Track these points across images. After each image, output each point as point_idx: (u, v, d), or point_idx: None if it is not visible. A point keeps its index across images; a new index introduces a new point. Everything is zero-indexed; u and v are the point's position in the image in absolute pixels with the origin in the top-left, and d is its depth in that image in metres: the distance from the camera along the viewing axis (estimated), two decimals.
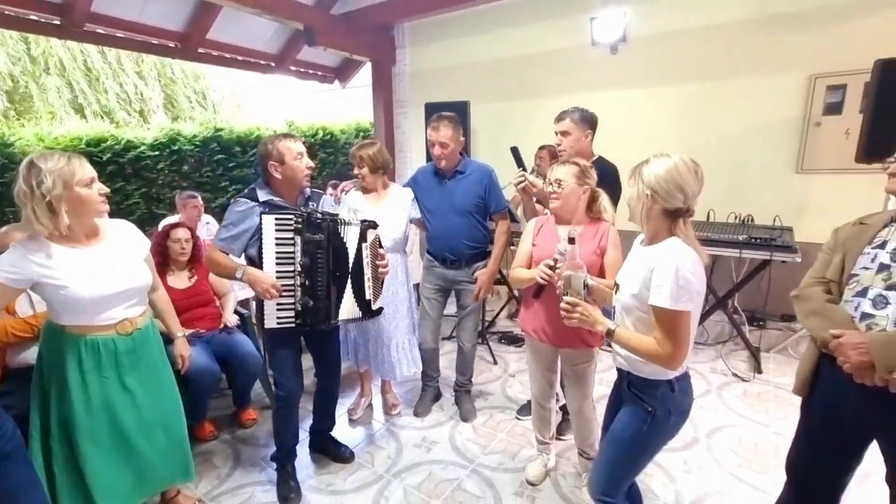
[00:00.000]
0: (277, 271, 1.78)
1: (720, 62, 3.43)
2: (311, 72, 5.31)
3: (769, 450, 2.31)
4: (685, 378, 1.36)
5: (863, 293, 1.27)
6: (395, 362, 2.49)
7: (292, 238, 1.78)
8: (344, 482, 2.18)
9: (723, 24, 3.37)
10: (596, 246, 1.72)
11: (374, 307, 2.03)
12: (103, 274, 1.47)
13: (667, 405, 1.32)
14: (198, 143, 4.83)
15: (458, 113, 3.85)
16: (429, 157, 4.07)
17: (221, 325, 2.62)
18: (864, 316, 1.25)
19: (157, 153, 4.56)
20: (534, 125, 4.22)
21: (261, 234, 1.75)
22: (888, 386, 1.16)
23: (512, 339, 3.66)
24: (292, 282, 1.80)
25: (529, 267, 1.85)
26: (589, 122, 2.23)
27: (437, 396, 2.80)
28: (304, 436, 2.39)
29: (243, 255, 1.93)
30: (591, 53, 3.80)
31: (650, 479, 2.13)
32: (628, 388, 1.39)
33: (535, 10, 4.05)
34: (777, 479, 2.08)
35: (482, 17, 4.28)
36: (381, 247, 2.06)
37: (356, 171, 2.36)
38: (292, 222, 1.78)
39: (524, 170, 2.17)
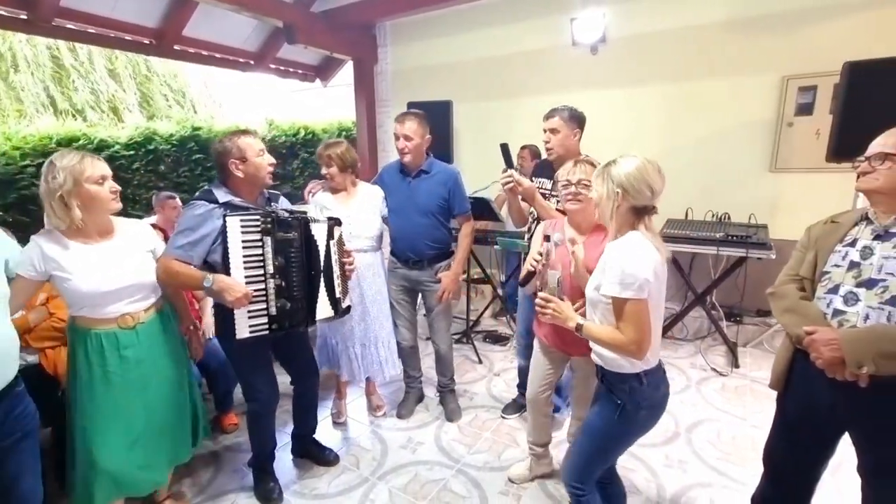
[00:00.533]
0: (247, 276, 1.67)
1: (697, 63, 3.50)
2: (291, 70, 5.24)
3: (746, 443, 2.38)
4: (656, 372, 1.39)
5: (834, 290, 1.31)
6: (382, 361, 2.48)
7: (260, 240, 1.69)
8: (328, 486, 2.16)
9: (700, 26, 3.44)
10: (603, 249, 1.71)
11: (343, 305, 1.99)
12: (107, 269, 1.54)
13: (636, 398, 1.36)
14: (175, 142, 4.71)
15: (441, 112, 3.87)
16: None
17: (201, 331, 2.57)
18: (836, 312, 1.29)
19: (132, 153, 4.42)
20: (516, 125, 4.24)
21: (225, 237, 1.65)
22: (858, 380, 1.19)
23: (496, 339, 3.68)
24: (263, 286, 1.71)
25: None
26: (578, 120, 2.25)
27: (421, 398, 2.79)
28: (286, 440, 2.36)
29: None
30: (571, 53, 3.83)
31: (633, 474, 2.16)
32: (602, 381, 1.45)
33: (516, 10, 4.07)
34: (754, 471, 2.13)
35: (464, 17, 4.28)
36: (344, 244, 2.04)
37: (324, 170, 2.31)
38: (259, 223, 1.69)
39: (513, 168, 2.14)
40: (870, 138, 1.33)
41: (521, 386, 2.67)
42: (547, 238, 1.45)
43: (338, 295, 1.94)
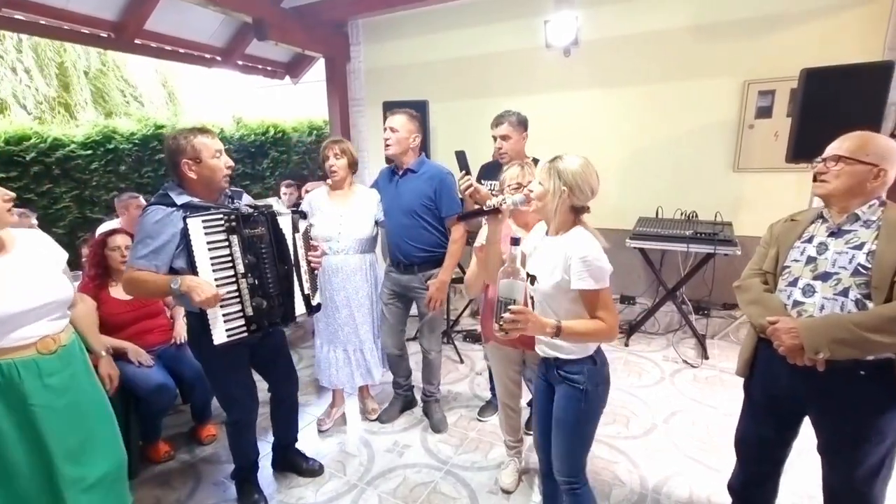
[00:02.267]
0: (217, 278, 1.60)
1: (665, 67, 3.62)
2: (259, 67, 5.08)
3: (719, 431, 2.49)
4: (600, 351, 1.48)
5: (794, 283, 1.41)
6: (370, 367, 2.46)
7: (226, 239, 1.63)
8: (315, 494, 2.12)
9: (667, 31, 3.56)
10: None
11: (313, 302, 1.92)
12: (13, 288, 1.30)
13: (594, 378, 1.44)
14: (136, 141, 4.48)
15: (418, 112, 3.84)
16: (389, 159, 4.05)
17: (173, 339, 2.47)
18: (796, 303, 1.39)
19: (89, 152, 4.18)
20: (489, 125, 4.27)
21: (188, 240, 1.56)
22: (816, 365, 1.30)
23: (477, 338, 3.70)
24: (236, 287, 1.65)
25: None
26: (524, 124, 2.34)
27: (409, 404, 2.74)
28: (267, 450, 2.30)
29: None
30: (545, 55, 3.89)
31: (616, 466, 2.23)
32: (557, 372, 1.48)
33: (490, 11, 4.09)
34: (729, 458, 2.22)
35: (438, 17, 4.26)
36: (311, 238, 1.96)
37: (332, 163, 2.27)
38: (223, 221, 1.62)
39: (467, 173, 2.10)
40: (826, 141, 1.43)
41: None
42: (515, 241, 1.30)
43: (306, 291, 1.89)
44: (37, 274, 1.38)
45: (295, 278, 1.85)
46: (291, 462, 2.25)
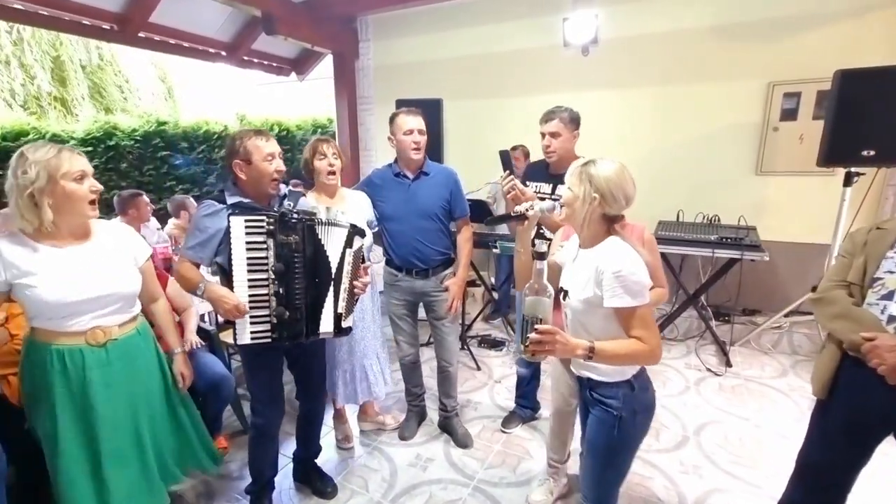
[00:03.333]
0: (250, 280, 1.61)
1: (687, 67, 3.55)
2: (265, 63, 4.94)
3: (754, 444, 2.41)
4: (642, 374, 1.34)
5: (889, 296, 1.30)
6: (372, 383, 2.31)
7: (265, 242, 1.61)
8: None
9: (690, 31, 3.48)
10: None
11: (343, 324, 1.78)
12: (80, 276, 1.35)
13: (631, 405, 1.30)
14: (138, 137, 4.35)
15: (432, 111, 3.72)
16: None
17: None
18: (891, 318, 1.28)
19: (89, 149, 4.05)
20: (505, 124, 4.18)
21: (229, 238, 1.58)
22: None
23: (492, 343, 3.60)
24: (267, 291, 1.63)
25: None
26: (576, 121, 2.18)
27: (424, 416, 2.62)
28: (286, 461, 2.19)
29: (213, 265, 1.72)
30: (563, 54, 3.80)
31: (651, 482, 2.14)
32: (590, 393, 1.36)
33: (506, 9, 4.00)
34: (767, 473, 2.18)
35: (451, 14, 4.17)
36: (364, 260, 1.85)
37: (333, 162, 2.08)
38: (264, 224, 1.60)
39: (511, 172, 1.96)
40: (861, 144, 1.33)
41: (521, 397, 2.58)
42: (540, 255, 1.18)
43: (340, 310, 1.76)
44: (105, 265, 1.41)
45: (330, 294, 1.73)
46: (309, 477, 2.15)
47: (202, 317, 2.66)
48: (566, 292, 1.34)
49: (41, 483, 1.63)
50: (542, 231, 2.23)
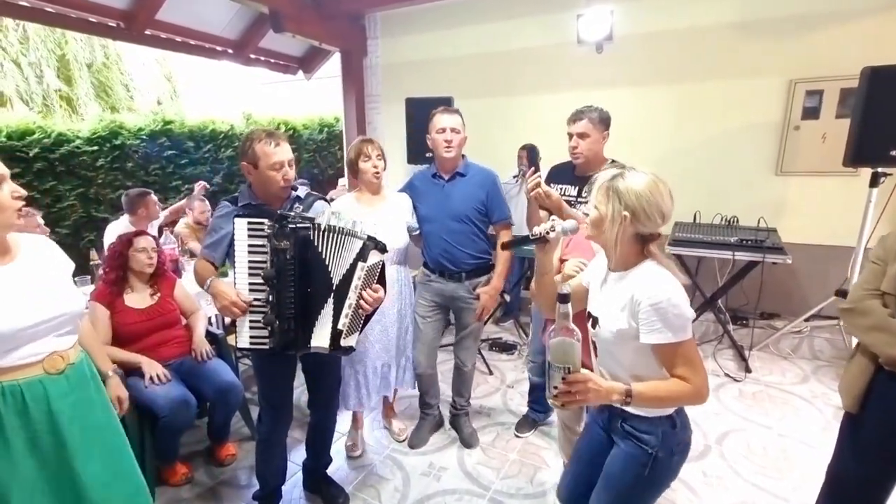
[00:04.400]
0: (251, 283, 1.57)
1: (704, 64, 3.46)
2: (272, 61, 4.88)
3: (778, 453, 2.32)
4: (683, 410, 1.20)
5: None
6: (397, 380, 2.29)
7: (265, 245, 1.56)
8: None
9: (708, 27, 3.39)
10: None
11: (343, 342, 1.63)
12: (20, 300, 1.14)
13: (669, 445, 1.16)
14: (144, 136, 4.30)
15: None
16: (412, 158, 3.86)
17: (192, 353, 2.27)
18: None
19: (95, 148, 4.00)
20: (517, 123, 4.10)
21: (233, 239, 1.58)
22: None
23: (503, 347, 3.53)
24: (265, 296, 1.58)
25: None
26: (607, 122, 2.08)
27: (438, 425, 2.55)
28: (297, 469, 2.13)
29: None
30: (576, 51, 3.72)
31: (674, 495, 2.06)
32: (622, 425, 1.21)
33: (519, 6, 3.92)
34: (793, 485, 2.10)
35: (461, 11, 4.09)
36: (379, 280, 1.68)
37: (376, 163, 2.06)
38: (265, 227, 1.55)
39: (536, 170, 1.89)
40: (889, 145, 1.24)
41: (534, 402, 2.52)
42: (563, 298, 1.03)
43: (340, 326, 1.63)
44: (45, 284, 1.21)
45: (329, 307, 1.62)
46: (319, 488, 2.08)
47: (209, 320, 2.60)
48: (595, 319, 1.21)
49: None
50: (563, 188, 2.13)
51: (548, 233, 1.24)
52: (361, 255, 1.64)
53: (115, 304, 2.13)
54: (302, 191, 1.82)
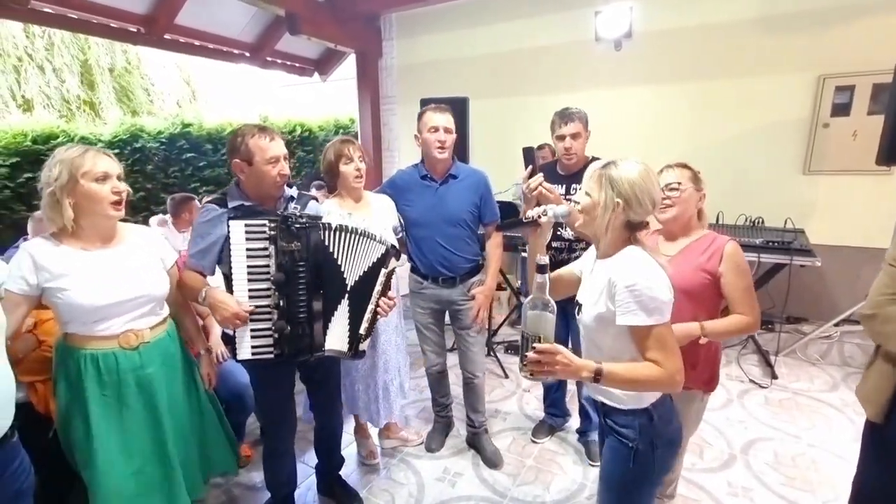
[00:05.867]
0: (251, 290, 1.48)
1: (727, 61, 3.35)
2: (288, 63, 4.92)
3: (807, 463, 2.23)
4: (664, 403, 1.19)
5: None
6: (392, 401, 2.19)
7: (266, 248, 1.48)
8: None
9: (731, 22, 3.29)
10: (705, 261, 1.49)
11: (361, 347, 1.66)
12: (110, 278, 1.34)
13: (648, 437, 1.16)
14: (163, 139, 4.37)
15: (458, 109, 3.60)
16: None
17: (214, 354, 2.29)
18: None
19: (116, 151, 4.05)
20: (532, 123, 4.03)
21: (228, 244, 1.46)
22: None
23: (518, 349, 3.47)
24: (269, 302, 1.50)
25: None
26: (587, 121, 2.11)
27: (451, 426, 2.51)
28: (310, 472, 2.12)
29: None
30: (594, 49, 3.65)
31: None
32: (605, 420, 1.24)
33: (534, 3, 3.87)
34: (825, 497, 2.01)
35: (477, 10, 4.06)
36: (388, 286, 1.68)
37: (359, 166, 1.94)
38: (266, 228, 1.48)
39: (535, 171, 1.86)
40: None
41: (551, 406, 2.47)
42: (541, 269, 1.08)
43: (361, 331, 1.63)
44: (134, 268, 1.40)
45: (344, 309, 1.60)
46: (333, 490, 2.07)
47: None
48: (580, 306, 1.22)
49: (67, 493, 1.60)
50: (559, 232, 2.12)
51: (540, 217, 1.26)
52: (383, 262, 1.61)
53: None
54: (288, 190, 1.69)
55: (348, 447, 2.38)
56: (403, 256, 1.95)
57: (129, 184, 4.30)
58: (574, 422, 2.46)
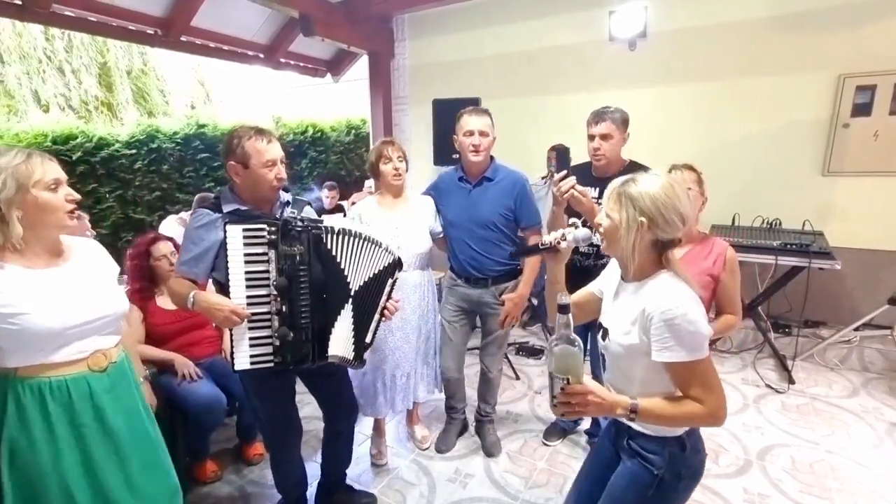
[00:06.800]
0: (249, 296, 1.43)
1: (743, 61, 3.30)
2: (301, 64, 4.95)
3: (825, 471, 2.18)
4: (695, 432, 1.14)
5: None
6: (424, 384, 2.25)
7: (265, 253, 1.44)
8: None
9: (748, 21, 3.24)
10: (711, 265, 1.48)
11: (365, 355, 1.65)
12: (69, 299, 1.19)
13: (676, 467, 1.10)
14: (179, 140, 4.43)
15: None
16: (439, 159, 3.84)
17: (222, 353, 2.31)
18: None
19: (133, 152, 4.14)
20: (545, 124, 4.02)
21: (225, 249, 1.40)
22: None
23: (531, 351, 3.46)
24: (268, 309, 1.45)
25: None
26: (627, 122, 2.04)
27: (464, 429, 2.52)
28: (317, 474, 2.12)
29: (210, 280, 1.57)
30: (607, 49, 3.62)
31: None
32: (628, 443, 1.15)
33: (547, 3, 3.84)
34: None
35: (490, 10, 4.05)
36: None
37: (398, 166, 2.02)
38: (265, 233, 1.43)
39: (569, 173, 1.76)
40: None
41: None
42: (562, 309, 1.01)
43: (367, 340, 1.62)
44: (93, 285, 1.27)
45: (348, 315, 1.59)
46: (340, 499, 2.01)
47: None
48: (605, 330, 1.16)
49: None
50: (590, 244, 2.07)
51: (559, 242, 1.20)
52: (391, 272, 1.61)
53: (147, 307, 2.19)
54: (283, 195, 1.66)
55: (360, 446, 2.39)
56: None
57: (146, 184, 4.37)
58: (584, 423, 2.44)
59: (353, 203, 2.19)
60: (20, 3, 2.97)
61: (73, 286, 1.22)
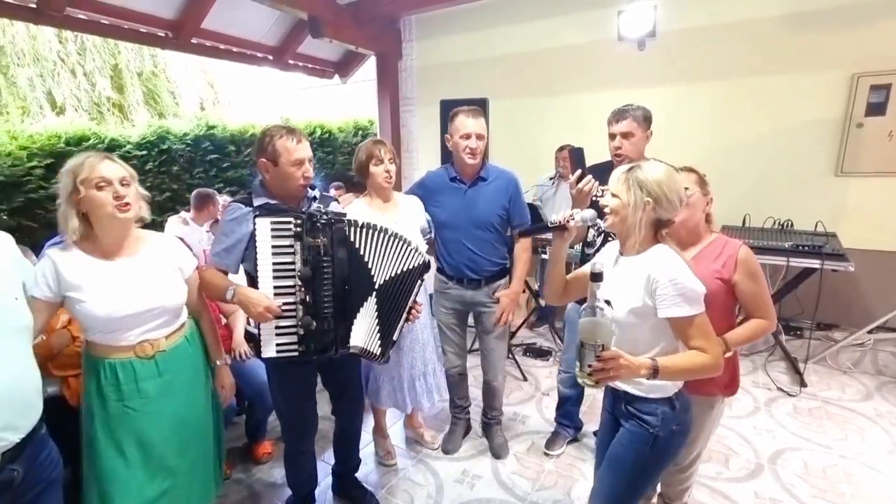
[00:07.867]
0: (276, 287, 1.50)
1: (755, 59, 3.27)
2: (310, 66, 4.98)
3: (839, 475, 2.15)
4: (682, 393, 1.28)
5: None
6: (432, 390, 2.23)
7: (292, 245, 1.51)
8: None
9: (759, 20, 3.21)
10: (720, 268, 1.46)
11: (389, 352, 1.71)
12: (127, 290, 1.33)
13: (669, 425, 1.24)
14: (189, 141, 4.47)
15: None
16: (446, 160, 3.83)
17: (233, 352, 2.32)
18: None
19: (144, 152, 4.18)
20: (554, 124, 4.02)
21: (254, 241, 1.48)
22: None
23: (538, 353, 3.45)
24: (294, 299, 1.52)
25: None
26: (649, 120, 1.97)
27: (469, 429, 2.51)
28: (328, 471, 2.13)
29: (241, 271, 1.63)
30: (616, 49, 3.60)
31: None
32: (625, 407, 1.29)
33: (556, 3, 3.83)
34: None
35: (497, 11, 4.04)
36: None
37: (388, 167, 1.95)
38: (291, 225, 1.50)
39: (585, 173, 1.77)
40: None
41: (563, 416, 2.41)
42: (596, 276, 1.12)
43: (395, 337, 1.68)
44: (151, 279, 1.39)
45: (370, 306, 1.64)
46: (349, 492, 2.07)
47: (247, 320, 2.65)
48: (608, 301, 1.26)
49: None
50: (596, 225, 2.02)
51: (567, 221, 1.31)
52: (421, 273, 1.64)
53: None
54: (311, 191, 1.69)
55: (366, 447, 2.39)
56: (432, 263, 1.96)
57: (156, 184, 4.41)
58: (593, 426, 2.42)
59: (337, 202, 2.15)
60: (35, 6, 3.02)
61: (126, 279, 1.34)
